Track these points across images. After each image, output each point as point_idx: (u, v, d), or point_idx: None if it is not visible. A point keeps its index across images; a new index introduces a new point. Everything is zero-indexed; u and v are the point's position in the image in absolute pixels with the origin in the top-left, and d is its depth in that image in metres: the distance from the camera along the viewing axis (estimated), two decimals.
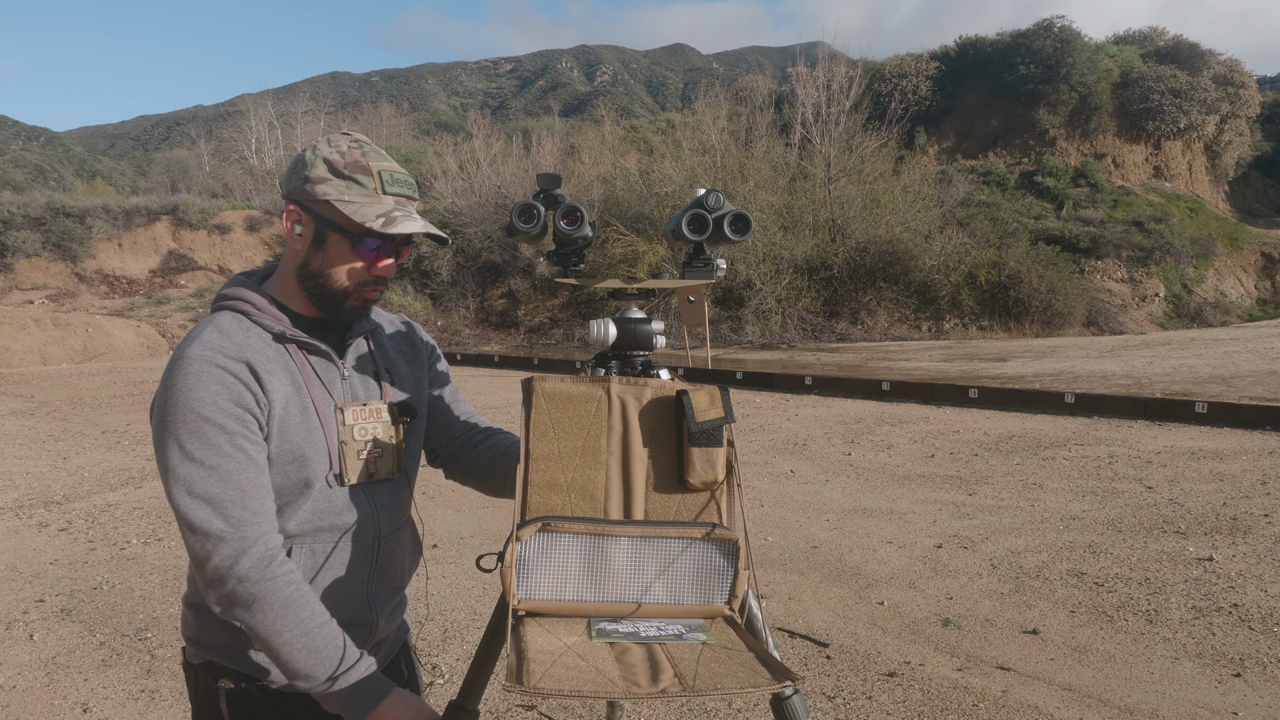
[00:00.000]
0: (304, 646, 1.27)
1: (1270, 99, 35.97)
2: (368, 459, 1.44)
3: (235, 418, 1.29)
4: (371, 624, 1.49)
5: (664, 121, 34.96)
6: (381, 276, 1.42)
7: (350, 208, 1.35)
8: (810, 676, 3.63)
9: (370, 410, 1.45)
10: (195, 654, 1.46)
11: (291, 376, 1.38)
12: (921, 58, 34.04)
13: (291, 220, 1.40)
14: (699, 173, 22.02)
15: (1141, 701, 3.35)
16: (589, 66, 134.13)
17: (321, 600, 1.40)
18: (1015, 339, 20.42)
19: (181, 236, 29.84)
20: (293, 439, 1.36)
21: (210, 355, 1.31)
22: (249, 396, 1.31)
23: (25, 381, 14.98)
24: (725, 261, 1.55)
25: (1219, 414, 8.87)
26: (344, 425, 1.41)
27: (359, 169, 1.37)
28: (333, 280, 1.40)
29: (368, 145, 1.41)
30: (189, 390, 1.28)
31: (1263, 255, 28.18)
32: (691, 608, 1.37)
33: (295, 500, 1.38)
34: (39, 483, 7.38)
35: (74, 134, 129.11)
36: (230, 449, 1.28)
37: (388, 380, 1.51)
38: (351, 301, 1.42)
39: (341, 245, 1.38)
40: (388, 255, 1.41)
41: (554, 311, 23.44)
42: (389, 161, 1.42)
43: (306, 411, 1.38)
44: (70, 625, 4.31)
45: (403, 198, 1.40)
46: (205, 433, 1.27)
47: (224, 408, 1.28)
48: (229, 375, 1.30)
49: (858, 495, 6.56)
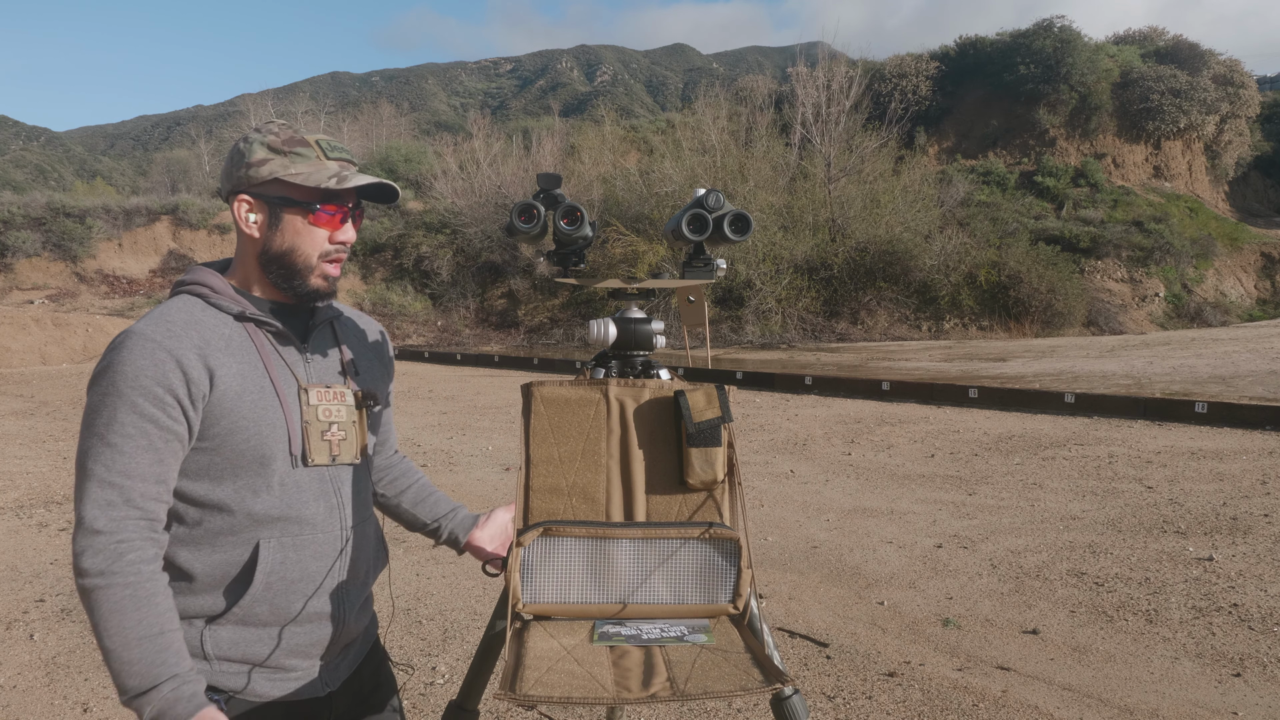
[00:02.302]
0: (120, 657, 1.24)
1: (1270, 99, 35.98)
2: (331, 439, 1.44)
3: (153, 399, 1.29)
4: (341, 620, 1.48)
5: (664, 121, 34.97)
6: (342, 244, 1.44)
7: (299, 177, 1.37)
8: (810, 676, 3.63)
9: (334, 393, 1.46)
10: None
11: (248, 356, 1.38)
12: (921, 58, 34.03)
13: (243, 211, 1.41)
14: (699, 173, 22.03)
15: (1141, 701, 3.35)
16: (589, 66, 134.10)
17: (291, 597, 1.40)
18: (1015, 339, 20.42)
19: (182, 236, 29.84)
20: (245, 416, 1.35)
21: (151, 332, 1.32)
22: (178, 379, 1.30)
23: (25, 381, 14.98)
24: (725, 261, 1.55)
25: (1219, 414, 8.87)
26: (308, 405, 1.42)
27: (297, 143, 1.39)
28: (296, 256, 1.41)
29: (297, 125, 1.45)
30: (119, 364, 1.29)
31: (1262, 255, 28.18)
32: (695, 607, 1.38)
33: (254, 481, 1.37)
34: (39, 483, 7.38)
35: (74, 134, 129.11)
36: (134, 430, 1.28)
37: (351, 369, 1.52)
38: (315, 278, 1.43)
39: (297, 219, 1.40)
40: (344, 218, 1.43)
41: (554, 311, 23.44)
42: (323, 134, 1.46)
43: (264, 391, 1.38)
44: (70, 625, 4.31)
45: (345, 161, 1.43)
46: (116, 409, 1.28)
47: (144, 386, 1.28)
48: (163, 353, 1.30)
49: (858, 495, 6.56)
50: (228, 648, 1.38)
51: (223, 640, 1.38)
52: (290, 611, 1.41)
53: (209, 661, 1.37)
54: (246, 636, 1.39)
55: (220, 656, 1.38)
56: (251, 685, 1.40)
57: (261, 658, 1.40)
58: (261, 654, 1.40)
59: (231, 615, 1.37)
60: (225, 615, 1.37)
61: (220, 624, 1.38)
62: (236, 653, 1.38)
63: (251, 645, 1.39)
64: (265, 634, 1.40)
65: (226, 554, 1.37)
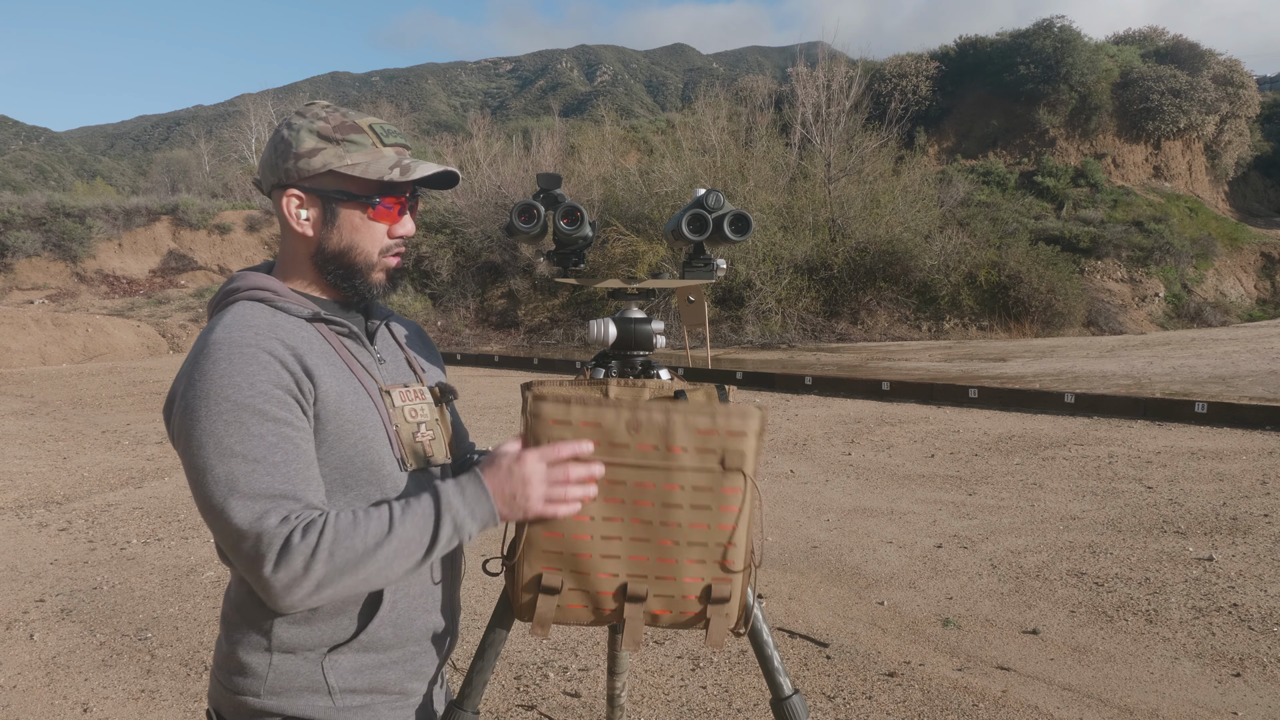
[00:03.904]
0: (397, 549, 1.15)
1: (1270, 99, 35.94)
2: (423, 441, 1.34)
3: (277, 401, 1.15)
4: (452, 634, 1.41)
5: (664, 121, 34.95)
6: (403, 238, 1.33)
7: (357, 169, 1.25)
8: (810, 676, 3.63)
9: (414, 392, 1.36)
10: (242, 715, 1.26)
11: (333, 358, 1.26)
12: (921, 58, 34.01)
13: (293, 207, 1.27)
14: (699, 173, 22.02)
15: (1141, 701, 3.35)
16: (589, 66, 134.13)
17: (413, 614, 1.31)
18: (1015, 339, 20.42)
19: (181, 236, 29.83)
20: (350, 420, 1.23)
21: (240, 337, 1.17)
22: (288, 378, 1.17)
23: (25, 381, 14.98)
24: (725, 261, 1.55)
25: (1219, 414, 8.87)
26: (394, 407, 1.31)
27: (349, 129, 1.27)
28: (356, 254, 1.29)
29: (344, 108, 1.32)
30: (220, 377, 1.13)
31: (1262, 255, 28.17)
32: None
33: (369, 490, 1.26)
34: (39, 483, 7.38)
35: (74, 134, 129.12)
36: (274, 438, 1.14)
37: (418, 366, 1.44)
38: (377, 273, 1.32)
39: (354, 214, 1.28)
40: (403, 210, 1.32)
41: (554, 311, 23.43)
42: (374, 116, 1.33)
43: (358, 393, 1.26)
44: (70, 625, 4.30)
45: (401, 147, 1.31)
46: (245, 422, 1.12)
47: (263, 391, 1.14)
48: (265, 355, 1.16)
49: (858, 495, 6.56)
50: (351, 677, 1.26)
51: (345, 669, 1.25)
52: (411, 630, 1.31)
53: (331, 695, 1.24)
54: (369, 663, 1.27)
55: (344, 688, 1.25)
56: (375, 716, 1.28)
57: (385, 684, 1.29)
58: (385, 680, 1.29)
59: (356, 642, 1.25)
60: (350, 642, 1.25)
61: (342, 652, 1.25)
62: (361, 682, 1.26)
63: (375, 672, 1.28)
64: (386, 658, 1.29)
65: None
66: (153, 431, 9.73)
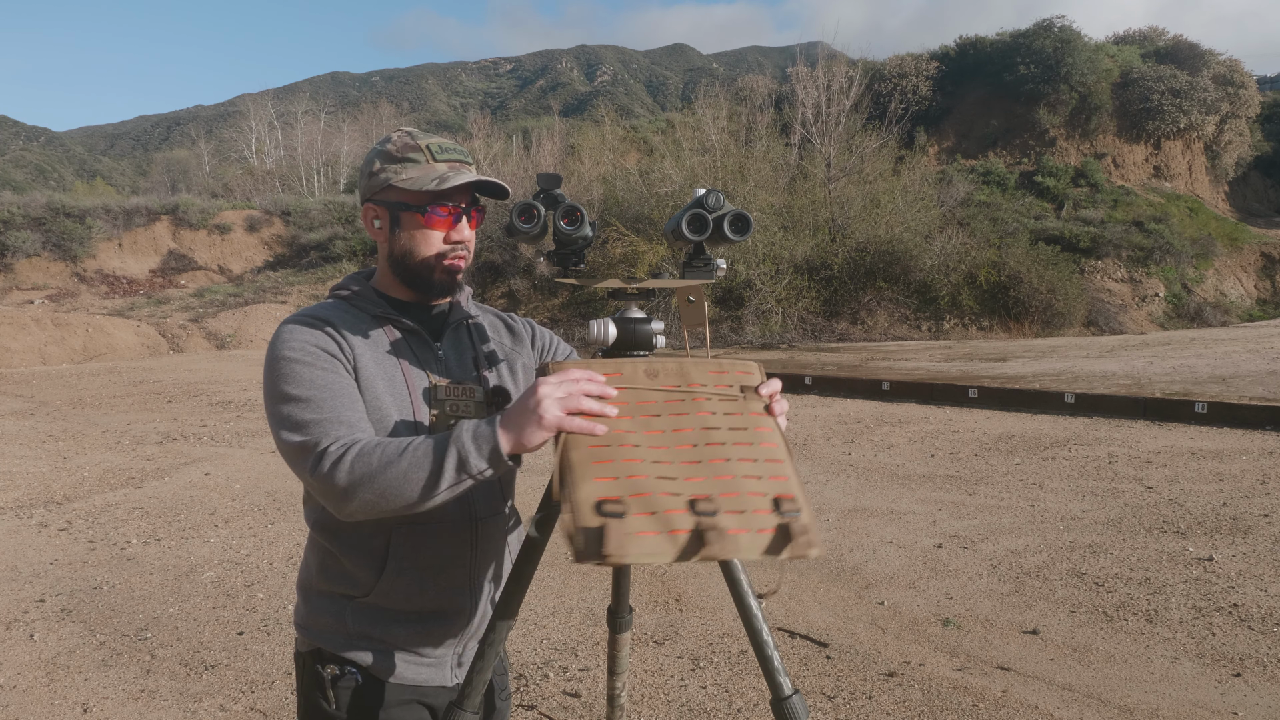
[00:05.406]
0: (406, 470, 1.27)
1: (1270, 99, 35.94)
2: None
3: (322, 356, 1.40)
4: (473, 611, 1.53)
5: (664, 121, 34.96)
6: (458, 243, 1.51)
7: (409, 182, 1.46)
8: (810, 676, 3.63)
9: (464, 389, 1.51)
10: (303, 641, 1.54)
11: (382, 348, 1.48)
12: (921, 58, 34.02)
13: (369, 218, 1.52)
14: (699, 173, 22.02)
15: (1141, 701, 3.35)
16: (589, 66, 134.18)
17: (424, 585, 1.48)
18: (1015, 339, 20.42)
19: (181, 236, 29.84)
20: (380, 396, 1.43)
21: (299, 318, 1.46)
22: (333, 344, 1.42)
23: (25, 381, 14.98)
24: (725, 261, 1.54)
25: (1219, 414, 8.87)
26: (436, 400, 1.48)
27: (410, 149, 1.49)
28: (415, 257, 1.50)
29: (417, 131, 1.53)
30: (280, 345, 1.41)
31: (1263, 255, 28.16)
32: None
33: None
34: (39, 483, 7.38)
35: (74, 134, 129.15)
36: (321, 380, 1.38)
37: (485, 366, 1.58)
38: (438, 274, 1.51)
39: (413, 220, 1.48)
40: (457, 218, 1.49)
41: (554, 311, 23.43)
42: (438, 137, 1.54)
43: (394, 380, 1.46)
44: (70, 625, 4.30)
45: (455, 162, 1.50)
46: (295, 372, 1.38)
47: (310, 350, 1.40)
48: (314, 327, 1.43)
49: (858, 495, 6.56)
50: (367, 624, 1.47)
51: (363, 617, 1.47)
52: (422, 599, 1.48)
53: (348, 636, 1.47)
54: (383, 618, 1.47)
55: (358, 632, 1.47)
56: (383, 663, 1.48)
57: (395, 640, 1.48)
58: (396, 636, 1.48)
59: (370, 598, 1.47)
60: (366, 597, 1.47)
61: (362, 603, 1.48)
62: (375, 630, 1.47)
63: (388, 627, 1.48)
64: (399, 617, 1.48)
65: (366, 540, 1.45)
66: (153, 431, 9.73)
